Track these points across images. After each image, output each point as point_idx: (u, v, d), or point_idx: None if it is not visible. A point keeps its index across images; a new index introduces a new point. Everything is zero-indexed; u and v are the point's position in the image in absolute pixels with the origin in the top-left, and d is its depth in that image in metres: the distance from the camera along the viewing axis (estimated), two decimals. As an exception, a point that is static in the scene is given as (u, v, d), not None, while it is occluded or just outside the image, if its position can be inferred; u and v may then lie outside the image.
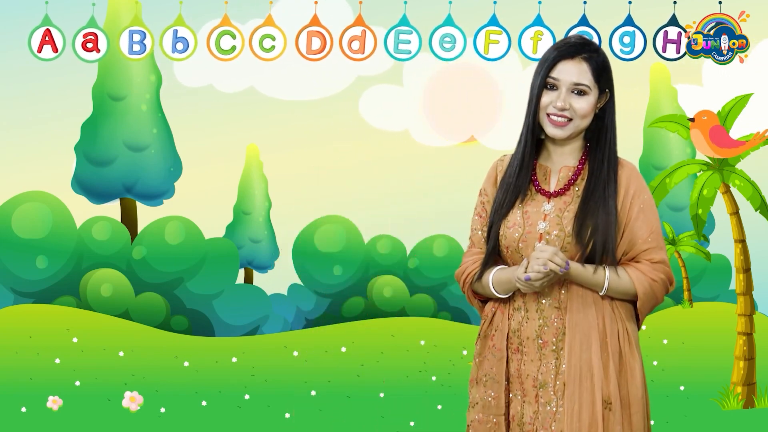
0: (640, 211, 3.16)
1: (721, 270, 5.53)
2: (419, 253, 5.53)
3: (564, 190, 3.18)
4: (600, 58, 3.18)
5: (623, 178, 3.17)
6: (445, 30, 5.45)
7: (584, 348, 3.11)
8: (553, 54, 3.17)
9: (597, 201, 3.13)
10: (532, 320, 3.17)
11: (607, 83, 3.19)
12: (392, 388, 5.51)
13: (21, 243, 5.51)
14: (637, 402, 3.13)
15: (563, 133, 3.16)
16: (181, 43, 5.46)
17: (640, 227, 3.15)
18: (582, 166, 3.19)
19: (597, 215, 3.11)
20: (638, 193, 3.17)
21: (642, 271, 3.16)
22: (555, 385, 3.14)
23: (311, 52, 5.41)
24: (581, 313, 3.12)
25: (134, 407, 5.50)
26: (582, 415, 3.08)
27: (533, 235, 3.15)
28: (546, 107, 3.16)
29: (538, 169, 3.23)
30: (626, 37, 5.42)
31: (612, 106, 3.21)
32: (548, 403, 3.14)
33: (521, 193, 3.20)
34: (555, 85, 3.15)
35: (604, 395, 3.10)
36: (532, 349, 3.17)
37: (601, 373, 3.10)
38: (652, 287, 3.17)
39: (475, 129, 5.48)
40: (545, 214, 3.17)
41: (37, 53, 5.45)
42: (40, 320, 5.50)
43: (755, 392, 5.50)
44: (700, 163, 5.52)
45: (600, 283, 3.13)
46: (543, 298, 3.16)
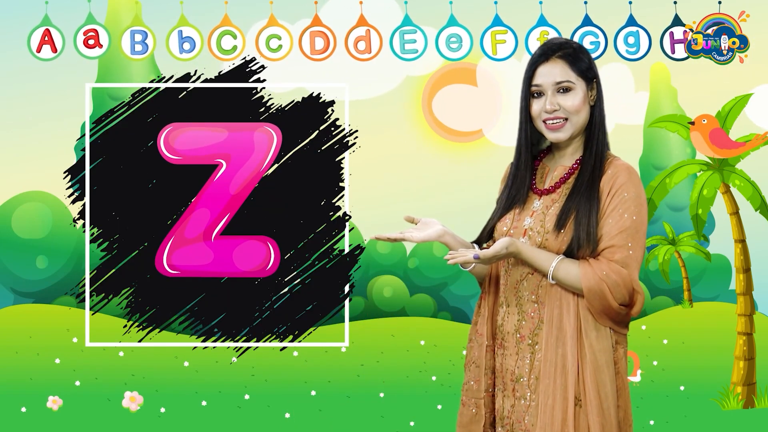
0: (615, 208, 3.10)
1: (721, 270, 5.54)
2: (419, 253, 5.54)
3: (554, 188, 3.20)
4: (575, 51, 3.19)
5: (611, 175, 3.16)
6: (451, 30, 5.46)
7: (560, 343, 3.11)
8: (532, 61, 3.21)
9: (581, 194, 3.13)
10: (512, 315, 3.20)
11: (592, 74, 3.19)
12: (392, 388, 5.51)
13: (21, 243, 5.51)
14: (607, 399, 3.11)
15: (563, 135, 3.18)
16: (187, 43, 5.47)
17: (611, 224, 3.09)
18: (577, 165, 3.20)
19: (579, 205, 3.11)
20: (620, 190, 3.11)
21: (593, 267, 3.07)
22: (529, 379, 3.16)
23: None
24: (558, 309, 3.12)
25: (134, 407, 5.50)
26: (555, 409, 3.09)
27: (519, 230, 3.19)
28: (539, 115, 3.18)
29: (540, 169, 3.26)
30: (631, 37, 5.43)
31: (600, 101, 3.22)
32: (523, 397, 3.17)
33: (517, 199, 3.22)
34: (540, 91, 3.18)
35: (576, 391, 3.10)
36: (511, 343, 3.20)
37: (575, 368, 3.09)
38: (599, 285, 3.05)
39: (482, 125, 5.49)
40: (533, 210, 3.20)
41: (36, 53, 5.45)
42: (40, 320, 5.50)
43: (755, 392, 5.50)
44: (700, 163, 5.52)
45: (545, 269, 3.11)
46: (522, 292, 3.18)
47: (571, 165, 3.21)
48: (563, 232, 3.11)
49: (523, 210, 3.22)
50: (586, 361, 3.10)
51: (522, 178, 3.23)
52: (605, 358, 3.11)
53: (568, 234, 3.11)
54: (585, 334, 3.11)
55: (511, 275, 3.20)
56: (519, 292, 3.19)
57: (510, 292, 3.21)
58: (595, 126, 3.20)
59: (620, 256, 3.06)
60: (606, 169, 3.16)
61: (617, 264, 3.06)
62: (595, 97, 3.21)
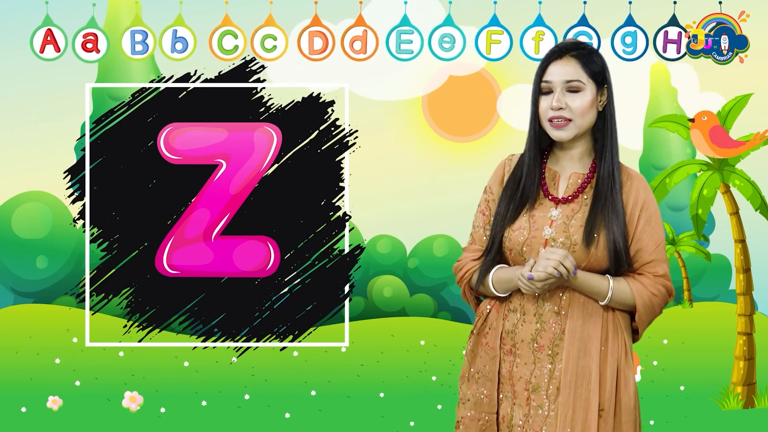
0: (647, 222, 3.16)
1: (721, 270, 5.53)
2: (419, 253, 5.53)
3: (573, 197, 3.18)
4: (590, 53, 3.18)
5: (632, 188, 3.17)
6: (445, 30, 5.46)
7: (582, 355, 3.11)
8: (544, 59, 3.20)
9: (607, 208, 3.12)
10: (528, 323, 3.17)
11: (603, 77, 3.19)
12: (392, 388, 5.51)
13: (21, 243, 5.51)
14: (628, 411, 3.14)
15: (566, 134, 3.16)
16: (180, 43, 5.47)
17: (647, 240, 3.15)
18: (592, 173, 3.19)
19: (606, 219, 3.11)
20: (646, 205, 3.17)
21: (644, 284, 3.16)
22: (548, 389, 3.14)
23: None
24: (581, 320, 3.12)
25: (134, 407, 5.50)
26: (575, 421, 3.08)
27: (538, 240, 3.15)
28: (545, 112, 3.17)
29: (546, 173, 3.23)
30: (628, 37, 5.43)
31: (612, 108, 3.21)
32: (540, 407, 3.14)
33: (529, 201, 3.20)
34: (549, 88, 3.17)
35: (599, 402, 3.10)
36: (526, 351, 3.17)
37: (597, 380, 3.10)
38: (651, 301, 3.16)
39: (482, 125, 5.49)
40: (552, 219, 3.16)
41: (39, 53, 5.46)
42: (40, 320, 5.51)
43: (755, 392, 5.50)
44: (700, 163, 5.52)
45: (603, 293, 3.13)
46: (543, 301, 3.15)
47: (586, 173, 3.20)
48: (592, 245, 3.11)
49: (535, 217, 3.19)
50: (608, 371, 3.10)
51: (532, 179, 3.21)
52: (625, 367, 3.13)
53: (600, 248, 3.11)
54: (607, 345, 3.12)
55: None
56: (539, 303, 3.16)
57: (528, 302, 3.17)
58: (608, 133, 3.19)
59: (663, 271, 3.17)
60: (624, 180, 3.17)
61: (662, 278, 3.17)
62: (605, 103, 3.19)
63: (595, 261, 3.12)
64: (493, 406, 3.20)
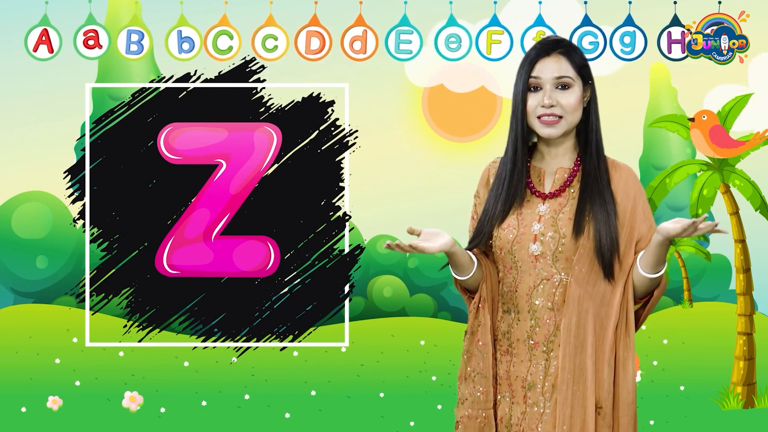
0: (642, 213, 3.16)
1: (721, 270, 5.53)
2: (419, 254, 5.52)
3: (559, 191, 3.18)
4: (575, 49, 3.18)
5: (621, 179, 3.17)
6: (450, 30, 5.46)
7: (578, 351, 3.09)
8: (531, 54, 3.17)
9: (594, 200, 3.12)
10: (523, 321, 3.16)
11: (589, 75, 3.19)
12: (392, 388, 5.51)
13: (21, 243, 5.51)
14: (626, 406, 3.12)
15: (556, 132, 3.15)
16: (186, 43, 5.47)
17: (645, 229, 3.15)
18: (577, 167, 3.19)
19: (594, 210, 3.11)
20: (639, 195, 3.17)
21: None
22: (543, 386, 3.13)
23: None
24: (575, 316, 3.11)
25: (134, 407, 5.50)
26: (573, 418, 3.07)
27: (527, 236, 3.14)
28: (534, 110, 3.15)
29: (531, 171, 3.22)
30: (627, 37, 5.43)
31: (595, 103, 3.21)
32: (536, 404, 3.13)
33: (516, 199, 3.19)
34: (538, 84, 3.15)
35: (596, 399, 3.09)
36: (522, 350, 3.16)
37: (593, 376, 3.09)
38: (663, 290, 3.18)
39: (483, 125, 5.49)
40: (540, 215, 3.16)
41: (32, 52, 5.45)
42: (40, 320, 5.51)
43: (755, 392, 5.50)
44: (700, 163, 5.52)
45: (664, 262, 3.14)
46: (536, 298, 3.15)
47: (571, 167, 3.19)
48: (582, 237, 3.10)
49: (523, 214, 3.18)
50: (605, 367, 3.09)
51: (519, 176, 3.20)
52: (624, 362, 3.12)
53: (588, 239, 3.10)
54: (604, 341, 3.11)
55: (522, 282, 3.15)
56: (532, 299, 3.15)
57: (521, 299, 3.15)
58: (592, 128, 3.19)
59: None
60: (611, 172, 3.17)
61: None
62: (589, 99, 3.20)
63: (585, 252, 3.12)
64: (490, 402, 3.20)
